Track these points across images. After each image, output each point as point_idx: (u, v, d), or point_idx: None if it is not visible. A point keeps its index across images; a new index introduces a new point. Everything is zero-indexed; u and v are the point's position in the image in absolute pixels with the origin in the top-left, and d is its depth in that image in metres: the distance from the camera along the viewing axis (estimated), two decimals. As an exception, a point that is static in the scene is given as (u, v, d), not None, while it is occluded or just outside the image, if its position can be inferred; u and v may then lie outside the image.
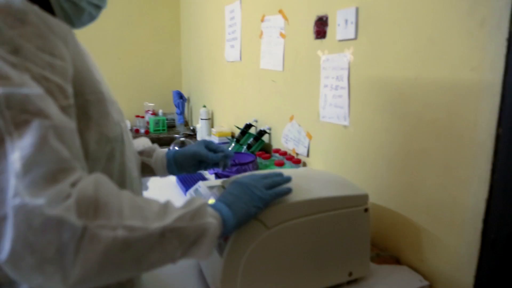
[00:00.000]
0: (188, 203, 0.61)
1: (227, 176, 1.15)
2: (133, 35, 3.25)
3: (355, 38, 1.10)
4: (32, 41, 0.51)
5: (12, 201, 0.43)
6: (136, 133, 3.00)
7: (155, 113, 3.20)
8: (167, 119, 3.18)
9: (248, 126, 1.87)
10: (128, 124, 3.16)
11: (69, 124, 0.53)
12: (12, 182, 0.44)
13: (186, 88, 3.38)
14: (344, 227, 0.83)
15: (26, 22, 0.51)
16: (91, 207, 0.48)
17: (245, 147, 1.74)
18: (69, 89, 0.56)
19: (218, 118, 2.55)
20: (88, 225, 0.46)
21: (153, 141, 3.06)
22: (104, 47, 3.14)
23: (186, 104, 3.26)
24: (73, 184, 0.48)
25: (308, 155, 1.43)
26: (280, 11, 1.54)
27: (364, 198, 0.86)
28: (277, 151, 1.56)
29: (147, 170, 0.93)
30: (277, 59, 1.60)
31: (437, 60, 0.86)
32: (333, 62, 1.21)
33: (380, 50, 1.02)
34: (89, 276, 0.47)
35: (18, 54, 0.49)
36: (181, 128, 3.12)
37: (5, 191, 0.44)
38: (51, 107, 0.50)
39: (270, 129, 1.74)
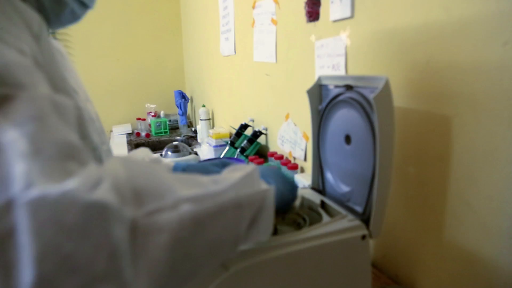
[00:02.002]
0: (235, 170, 0.48)
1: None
2: (131, 33, 3.11)
3: (351, 17, 0.89)
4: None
5: (24, 196, 0.27)
6: (137, 136, 2.85)
7: (156, 115, 3.05)
8: (170, 121, 3.03)
9: (244, 126, 1.68)
10: (130, 127, 3.03)
11: (68, 101, 0.38)
12: (19, 169, 0.29)
13: (189, 88, 3.22)
14: (334, 260, 0.63)
15: None
16: (133, 191, 0.34)
17: (238, 151, 1.55)
18: None
19: (218, 118, 2.37)
20: (138, 214, 0.32)
21: (153, 144, 2.87)
22: (101, 48, 3.01)
23: (189, 104, 3.10)
24: (98, 167, 0.34)
25: (305, 159, 1.22)
26: (271, -6, 1.34)
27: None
28: (273, 154, 1.36)
29: None
30: (270, 50, 1.40)
31: (455, 36, 0.64)
32: (328, 48, 1.00)
33: (381, 29, 0.81)
34: (159, 285, 0.33)
35: None
36: (184, 130, 2.96)
37: (6, 188, 0.28)
38: (41, 80, 0.37)
39: (266, 129, 1.54)
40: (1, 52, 0.35)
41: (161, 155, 2.04)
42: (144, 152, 0.82)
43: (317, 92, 0.83)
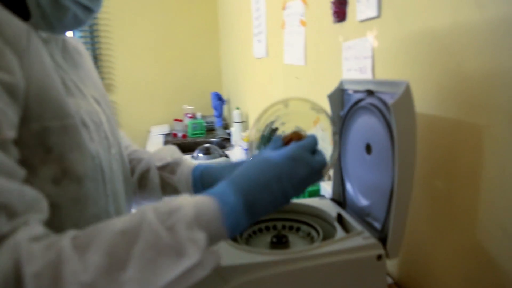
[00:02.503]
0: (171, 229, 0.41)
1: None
2: (170, 36, 3.17)
3: (378, 16, 0.83)
4: None
5: None
6: (174, 137, 2.91)
7: (193, 116, 3.09)
8: (206, 122, 3.05)
9: (274, 130, 1.64)
10: (167, 128, 3.09)
11: (11, 163, 0.40)
12: None
13: (226, 90, 3.23)
14: (346, 280, 0.58)
15: None
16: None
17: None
18: (14, 116, 0.42)
19: (252, 121, 2.35)
20: None
21: (189, 145, 2.89)
22: (141, 50, 3.10)
23: (226, 106, 3.11)
24: None
25: (333, 167, 1.16)
26: (300, -6, 1.29)
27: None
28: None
29: (170, 189, 0.76)
30: (299, 52, 1.35)
31: (489, 37, 0.57)
32: (355, 50, 0.94)
33: (410, 29, 0.74)
34: None
35: None
36: (220, 132, 2.97)
37: None
38: None
39: (295, 133, 1.50)
40: None
41: (192, 156, 2.06)
42: (171, 150, 0.81)
43: (339, 97, 0.78)
